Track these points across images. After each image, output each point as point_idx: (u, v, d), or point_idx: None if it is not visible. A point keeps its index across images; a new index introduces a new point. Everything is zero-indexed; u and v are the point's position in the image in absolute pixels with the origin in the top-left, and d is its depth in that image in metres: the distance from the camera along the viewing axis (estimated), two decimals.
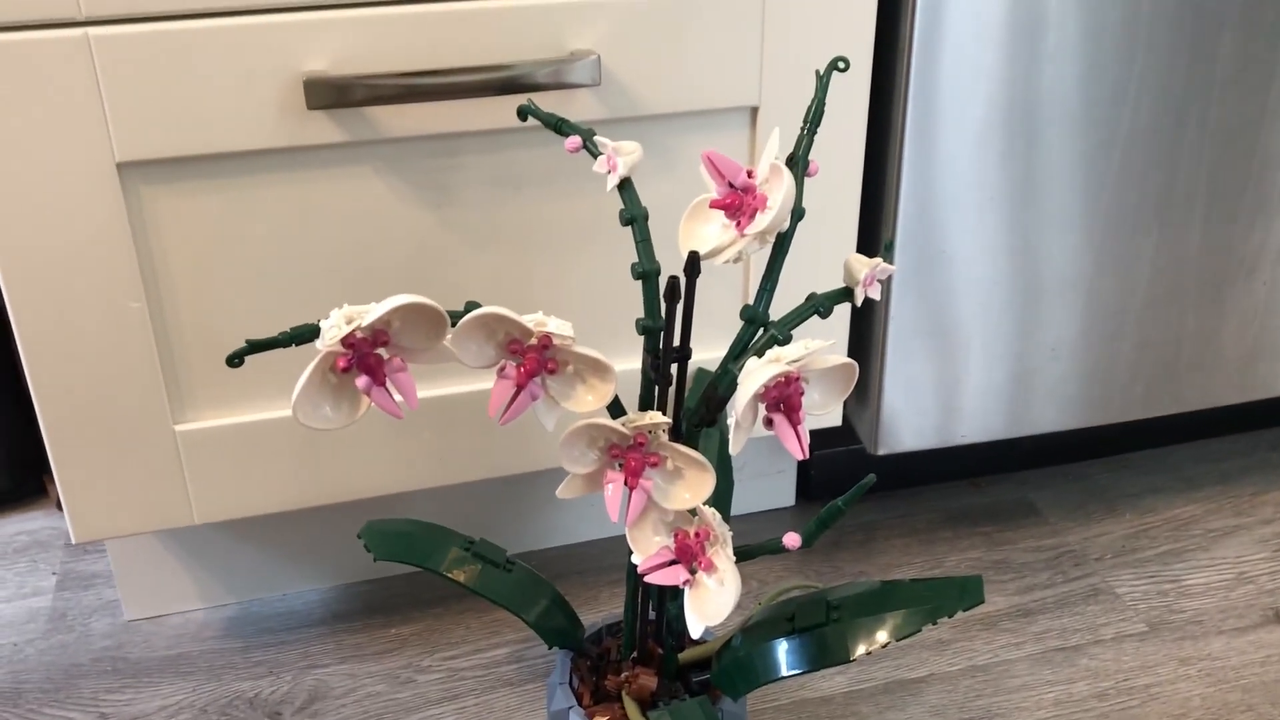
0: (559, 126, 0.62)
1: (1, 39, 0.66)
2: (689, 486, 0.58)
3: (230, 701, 0.86)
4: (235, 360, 0.54)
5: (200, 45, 0.69)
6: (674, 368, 0.60)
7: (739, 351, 0.60)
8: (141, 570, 0.93)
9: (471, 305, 0.55)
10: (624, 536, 0.59)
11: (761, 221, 0.56)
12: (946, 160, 0.83)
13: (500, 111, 0.75)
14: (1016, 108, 0.83)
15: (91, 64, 0.67)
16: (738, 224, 0.57)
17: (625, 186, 0.60)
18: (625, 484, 0.58)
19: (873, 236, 0.88)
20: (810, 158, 0.60)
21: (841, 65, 0.61)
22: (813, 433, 1.02)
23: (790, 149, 0.61)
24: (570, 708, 0.68)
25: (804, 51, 0.78)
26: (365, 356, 0.54)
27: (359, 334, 0.53)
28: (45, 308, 0.73)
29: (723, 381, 0.59)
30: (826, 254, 0.85)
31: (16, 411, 1.05)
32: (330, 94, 0.70)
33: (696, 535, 0.59)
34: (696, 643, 0.71)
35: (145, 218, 0.73)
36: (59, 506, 1.07)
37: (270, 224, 0.75)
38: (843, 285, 0.61)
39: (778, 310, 0.62)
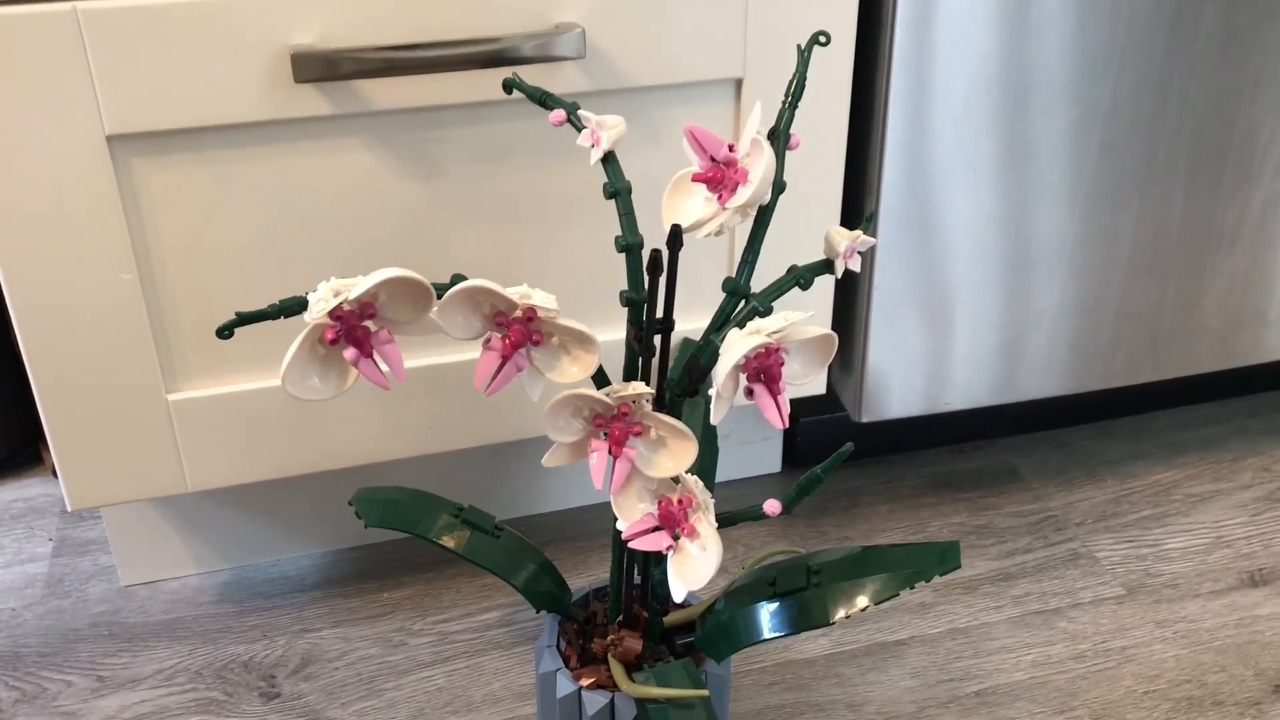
0: (544, 100, 0.62)
1: None
2: (672, 455, 0.60)
3: (225, 665, 0.88)
4: (225, 332, 0.55)
5: (188, 19, 0.69)
6: (657, 339, 0.61)
7: (721, 323, 0.61)
8: (136, 537, 0.94)
9: (457, 278, 0.56)
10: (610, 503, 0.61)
11: (742, 195, 0.57)
12: (931, 132, 0.84)
13: (486, 84, 0.75)
14: (1001, 80, 0.83)
15: (80, 38, 0.68)
16: (719, 197, 0.58)
17: (609, 160, 0.60)
18: (609, 452, 0.59)
19: (860, 208, 0.89)
20: (792, 131, 0.61)
21: (822, 40, 0.62)
22: (799, 400, 1.03)
23: (773, 122, 0.62)
24: (558, 670, 0.69)
25: (788, 23, 0.79)
26: (353, 329, 0.55)
27: (346, 307, 0.54)
28: (39, 279, 0.73)
29: (705, 352, 0.61)
30: (811, 226, 0.86)
31: (12, 380, 1.06)
32: (317, 67, 0.71)
33: (679, 502, 0.60)
34: (681, 606, 0.73)
35: (136, 190, 0.74)
36: (55, 474, 1.08)
37: (259, 196, 0.76)
38: (824, 257, 0.62)
39: (761, 281, 0.63)
